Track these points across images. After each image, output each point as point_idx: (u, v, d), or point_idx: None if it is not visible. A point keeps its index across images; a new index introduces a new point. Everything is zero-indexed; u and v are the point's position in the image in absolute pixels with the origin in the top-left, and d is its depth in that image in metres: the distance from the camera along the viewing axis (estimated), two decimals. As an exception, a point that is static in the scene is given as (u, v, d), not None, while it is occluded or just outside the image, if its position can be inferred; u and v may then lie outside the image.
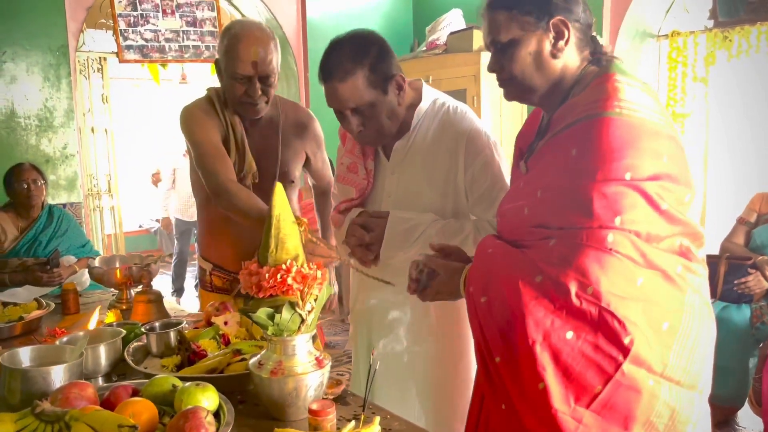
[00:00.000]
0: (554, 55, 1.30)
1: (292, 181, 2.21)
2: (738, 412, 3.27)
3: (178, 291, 6.40)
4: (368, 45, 1.63)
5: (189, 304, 6.16)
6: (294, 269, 1.28)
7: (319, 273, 1.31)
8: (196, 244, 4.43)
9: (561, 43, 1.29)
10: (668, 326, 1.16)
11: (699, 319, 1.21)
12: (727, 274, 3.25)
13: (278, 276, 1.26)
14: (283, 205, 1.31)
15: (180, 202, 6.35)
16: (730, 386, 3.12)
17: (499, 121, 4.49)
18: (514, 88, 1.37)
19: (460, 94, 4.38)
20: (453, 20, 4.85)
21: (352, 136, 1.74)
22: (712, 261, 3.22)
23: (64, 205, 4.14)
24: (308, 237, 1.44)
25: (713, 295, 3.23)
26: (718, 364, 1.33)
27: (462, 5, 4.91)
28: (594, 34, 1.34)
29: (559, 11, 1.28)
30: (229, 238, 2.12)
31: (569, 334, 1.14)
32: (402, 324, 1.80)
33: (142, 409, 1.17)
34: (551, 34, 1.29)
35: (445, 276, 1.42)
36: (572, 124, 1.23)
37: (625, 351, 1.13)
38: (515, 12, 1.29)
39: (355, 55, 1.59)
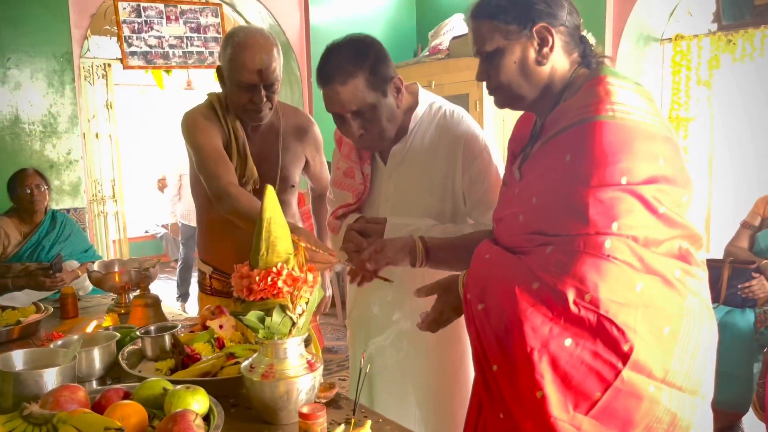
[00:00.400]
0: (540, 62, 1.29)
1: (293, 186, 2.22)
2: (742, 418, 3.24)
3: (183, 296, 6.41)
4: (366, 48, 1.62)
5: (194, 308, 6.16)
6: (284, 272, 1.27)
7: (310, 276, 1.31)
8: (199, 249, 4.42)
9: (546, 49, 1.29)
10: (669, 331, 1.15)
11: (700, 323, 1.19)
12: (730, 279, 3.21)
13: (269, 279, 1.26)
14: (274, 209, 1.30)
15: (186, 208, 6.37)
16: (734, 392, 3.09)
17: (502, 125, 4.48)
18: (503, 96, 1.36)
19: (462, 99, 4.38)
20: (455, 25, 4.85)
21: (353, 140, 1.73)
22: (715, 265, 3.19)
23: (68, 211, 4.16)
24: (306, 246, 1.43)
25: (717, 299, 3.20)
26: (722, 369, 1.31)
27: (465, 10, 4.90)
28: (583, 34, 1.33)
29: (542, 17, 1.27)
30: (230, 242, 2.12)
31: (568, 342, 1.13)
32: (400, 328, 1.79)
33: (132, 412, 1.17)
34: (535, 41, 1.28)
35: (442, 292, 1.42)
36: (565, 129, 1.22)
37: (625, 358, 1.12)
38: (497, 21, 1.29)
39: (354, 58, 1.59)
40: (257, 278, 1.27)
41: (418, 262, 1.59)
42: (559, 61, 1.31)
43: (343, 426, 1.20)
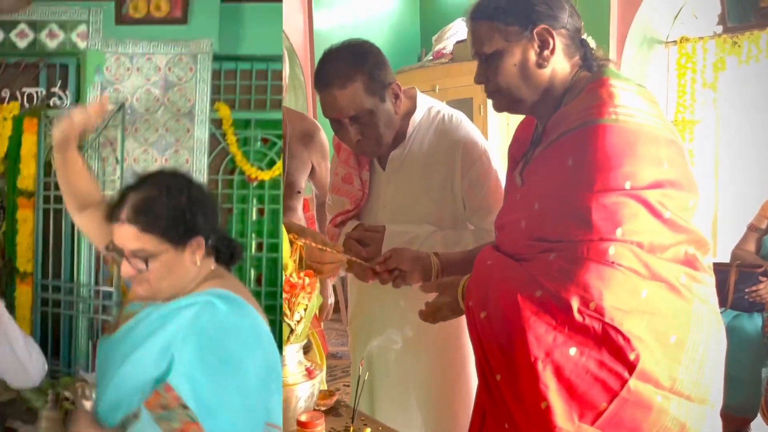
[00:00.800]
0: (540, 65, 1.28)
1: (299, 192, 2.22)
2: (750, 423, 3.21)
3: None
4: (365, 53, 1.62)
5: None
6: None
7: (307, 281, 1.30)
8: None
9: (546, 52, 1.27)
10: (676, 339, 1.13)
11: (707, 330, 1.17)
12: (737, 283, 3.18)
13: (266, 286, 1.25)
14: (272, 214, 1.29)
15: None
16: (742, 397, 3.05)
17: (507, 129, 4.46)
18: (501, 99, 1.34)
19: (466, 103, 4.37)
20: (459, 29, 4.84)
21: (350, 146, 1.72)
22: (722, 269, 3.16)
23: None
24: (312, 245, 1.41)
25: (724, 303, 3.17)
26: (730, 374, 1.29)
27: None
28: (584, 37, 1.31)
29: (542, 19, 1.25)
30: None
31: (572, 351, 1.11)
32: (401, 334, 1.77)
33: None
34: (536, 44, 1.26)
35: (441, 293, 1.41)
36: (567, 133, 1.20)
37: (631, 367, 1.10)
38: (497, 22, 1.27)
39: (353, 62, 1.58)
40: (255, 285, 1.26)
41: (433, 279, 1.57)
42: (559, 64, 1.29)
43: (341, 434, 1.18)
